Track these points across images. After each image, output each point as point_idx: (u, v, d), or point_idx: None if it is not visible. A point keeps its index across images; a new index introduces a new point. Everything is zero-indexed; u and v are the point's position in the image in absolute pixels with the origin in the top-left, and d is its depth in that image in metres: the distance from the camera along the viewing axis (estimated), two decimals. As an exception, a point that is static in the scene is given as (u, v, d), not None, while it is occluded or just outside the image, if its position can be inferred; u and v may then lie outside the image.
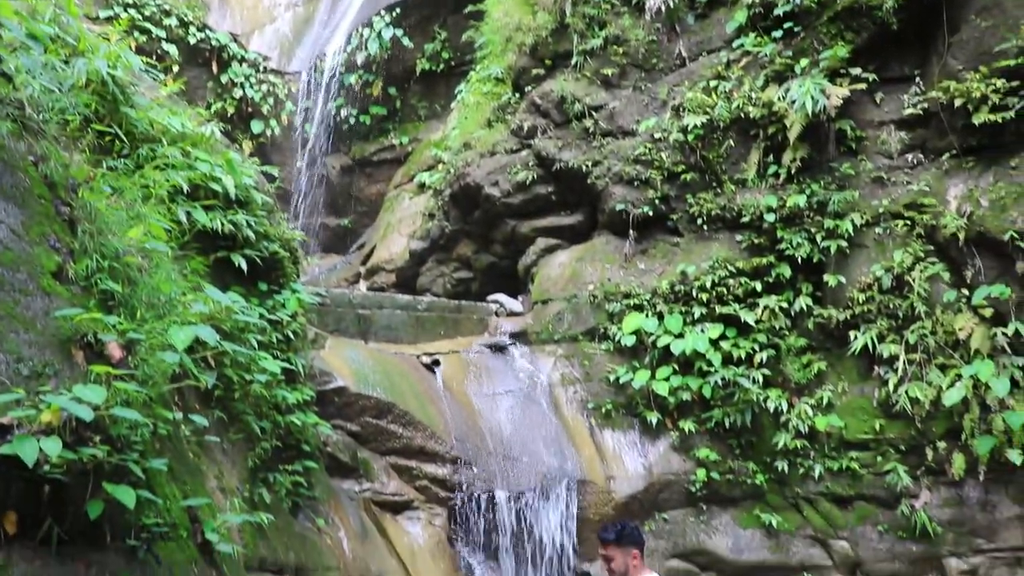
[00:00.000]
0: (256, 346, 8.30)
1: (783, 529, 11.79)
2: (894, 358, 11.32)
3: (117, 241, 4.98)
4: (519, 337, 13.34)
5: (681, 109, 12.94)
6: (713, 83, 12.92)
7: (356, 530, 10.28)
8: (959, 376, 10.88)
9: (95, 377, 4.20)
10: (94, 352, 4.54)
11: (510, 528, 11.45)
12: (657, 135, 13.12)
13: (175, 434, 5.14)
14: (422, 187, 18.23)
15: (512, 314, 14.00)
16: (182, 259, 6.92)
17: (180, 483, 4.60)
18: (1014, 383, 10.67)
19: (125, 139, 7.33)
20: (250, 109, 20.32)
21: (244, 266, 8.66)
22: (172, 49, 18.87)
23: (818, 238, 11.90)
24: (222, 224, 8.25)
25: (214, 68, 19.91)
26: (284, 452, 9.24)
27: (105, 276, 4.97)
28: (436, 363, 12.27)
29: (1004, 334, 10.66)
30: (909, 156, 11.90)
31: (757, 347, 11.93)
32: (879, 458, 11.46)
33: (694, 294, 12.37)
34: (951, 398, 10.76)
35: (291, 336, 9.42)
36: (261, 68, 20.64)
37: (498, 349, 13.06)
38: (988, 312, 10.89)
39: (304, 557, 8.94)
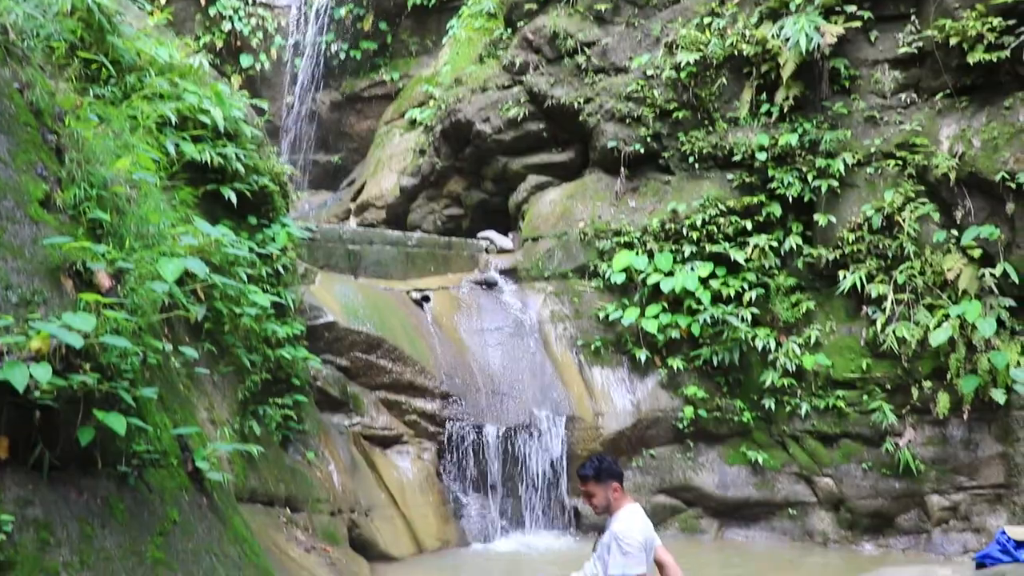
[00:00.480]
0: (246, 279, 8.30)
1: (769, 466, 11.91)
2: (882, 298, 11.37)
3: (105, 170, 4.94)
4: (509, 274, 13.35)
5: (674, 46, 12.83)
6: (707, 20, 12.82)
7: (346, 463, 10.37)
8: (946, 316, 10.95)
9: (84, 305, 4.20)
10: (83, 281, 4.53)
11: (498, 463, 11.55)
12: (649, 72, 13.02)
13: (165, 364, 5.15)
14: (413, 123, 18.09)
15: (502, 251, 13.98)
16: (171, 190, 6.88)
17: (170, 412, 4.62)
18: (1000, 323, 10.76)
19: (112, 68, 7.25)
20: (239, 43, 20.07)
21: (234, 199, 8.62)
22: (159, -21, 18.58)
23: (809, 177, 11.88)
24: (211, 157, 8.20)
25: (202, 0, 19.63)
26: (274, 386, 9.29)
27: (93, 205, 4.93)
28: (426, 299, 12.29)
29: (992, 275, 10.71)
30: (902, 95, 11.86)
31: (746, 286, 11.97)
32: (865, 397, 11.55)
33: (684, 232, 12.37)
34: (938, 338, 10.84)
35: (281, 270, 9.41)
36: (250, 1, 20.34)
37: (488, 286, 13.07)
38: (977, 253, 10.93)
39: (294, 489, 9.03)
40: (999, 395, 10.68)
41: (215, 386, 8.11)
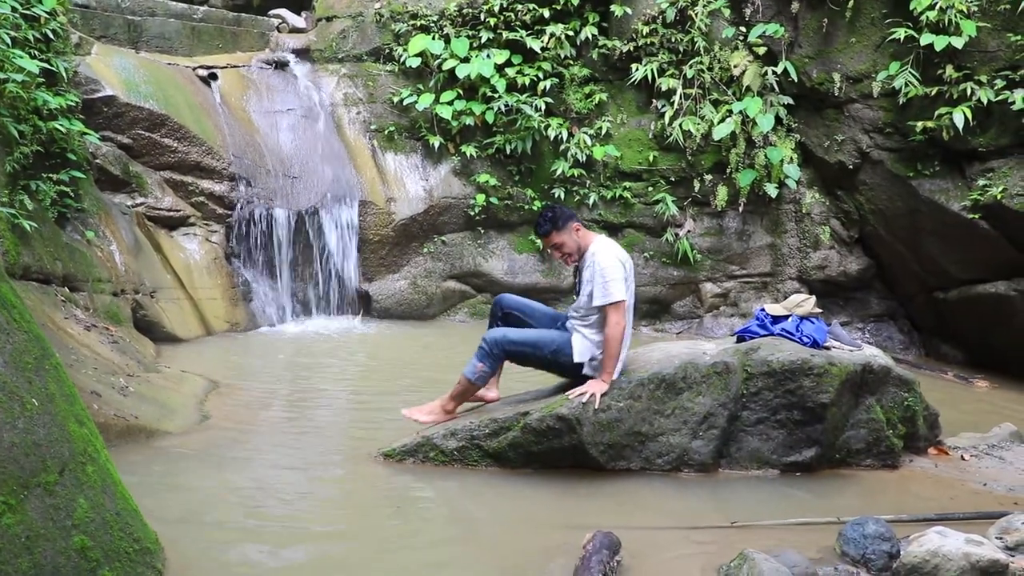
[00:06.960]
0: (9, 43, 7.67)
1: (556, 254, 12.23)
2: (672, 92, 11.64)
3: None
4: (302, 54, 12.85)
5: None
6: None
7: (129, 244, 10.03)
8: (730, 112, 11.35)
9: None
10: None
11: (289, 247, 11.44)
12: None
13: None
14: None
15: (295, 30, 13.40)
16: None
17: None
18: (778, 120, 11.26)
19: None
20: None
21: (-10, -50, 7.86)
22: None
23: (608, -34, 11.84)
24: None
25: None
26: (48, 160, 8.78)
27: None
28: (213, 76, 11.73)
29: (774, 72, 11.10)
30: None
31: (542, 75, 11.99)
32: (650, 188, 11.97)
33: (482, 18, 12.19)
34: (721, 132, 11.27)
35: (51, 35, 8.75)
36: None
37: (279, 66, 12.56)
38: (762, 50, 11.28)
39: (73, 268, 8.69)
40: (772, 189, 11.30)
41: (-21, 156, 7.60)
